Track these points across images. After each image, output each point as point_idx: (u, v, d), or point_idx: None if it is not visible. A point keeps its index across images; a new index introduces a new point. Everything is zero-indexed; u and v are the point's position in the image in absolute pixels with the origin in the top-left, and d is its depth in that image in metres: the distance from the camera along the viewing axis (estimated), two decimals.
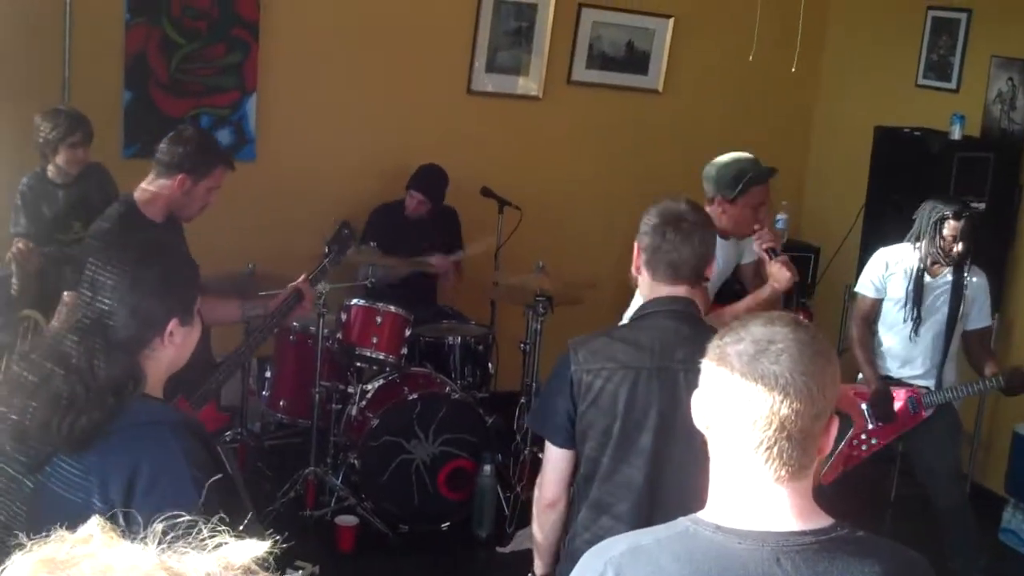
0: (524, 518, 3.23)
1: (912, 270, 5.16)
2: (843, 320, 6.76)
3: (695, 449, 2.79)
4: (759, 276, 4.77)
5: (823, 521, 1.84)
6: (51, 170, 5.49)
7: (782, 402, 1.76)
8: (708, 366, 1.88)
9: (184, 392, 4.06)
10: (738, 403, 1.80)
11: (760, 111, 7.65)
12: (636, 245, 3.19)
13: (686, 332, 3.06)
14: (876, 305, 5.31)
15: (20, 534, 2.23)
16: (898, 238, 5.34)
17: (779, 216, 7.23)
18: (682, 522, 1.87)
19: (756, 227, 4.58)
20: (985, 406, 6.42)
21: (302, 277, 4.71)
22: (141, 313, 2.33)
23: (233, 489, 2.39)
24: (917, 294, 5.15)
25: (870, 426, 5.25)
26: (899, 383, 5.26)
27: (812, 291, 7.21)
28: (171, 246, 2.54)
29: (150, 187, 4.35)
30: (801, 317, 1.93)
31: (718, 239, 4.62)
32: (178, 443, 2.23)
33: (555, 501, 3.20)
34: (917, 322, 5.17)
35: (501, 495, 5.64)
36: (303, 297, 4.63)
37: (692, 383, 2.79)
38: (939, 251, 5.07)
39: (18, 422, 2.25)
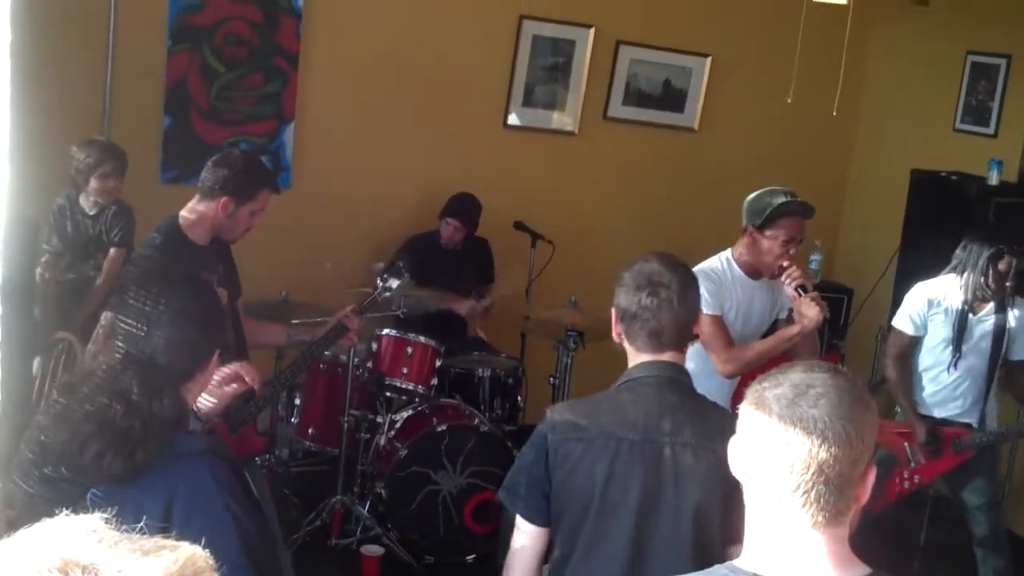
0: (550, 552, 3.05)
1: (956, 306, 5.10)
2: (875, 362, 6.73)
3: (681, 527, 2.77)
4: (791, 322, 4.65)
5: (860, 570, 1.82)
6: (83, 200, 5.54)
7: (820, 446, 1.75)
8: (746, 410, 1.85)
9: (223, 418, 4.09)
10: (776, 447, 1.78)
11: (796, 152, 7.64)
12: (613, 311, 2.99)
13: (673, 401, 2.86)
14: (914, 342, 5.24)
15: None
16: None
17: (813, 256, 7.22)
18: (719, 570, 1.86)
19: (784, 263, 4.49)
20: (1017, 451, 6.36)
21: (349, 308, 4.73)
22: (192, 348, 2.35)
23: (263, 517, 2.39)
24: (960, 331, 5.09)
25: (912, 464, 5.22)
26: (942, 422, 5.22)
27: (844, 333, 7.17)
28: (203, 281, 2.56)
29: (194, 210, 4.34)
30: (840, 366, 1.91)
31: (749, 281, 4.63)
32: (211, 472, 2.24)
33: None
34: (957, 358, 5.12)
35: None
36: (349, 328, 4.64)
37: (679, 458, 2.80)
38: (988, 286, 5.00)
39: (63, 450, 2.25)
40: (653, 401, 2.84)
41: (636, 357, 2.94)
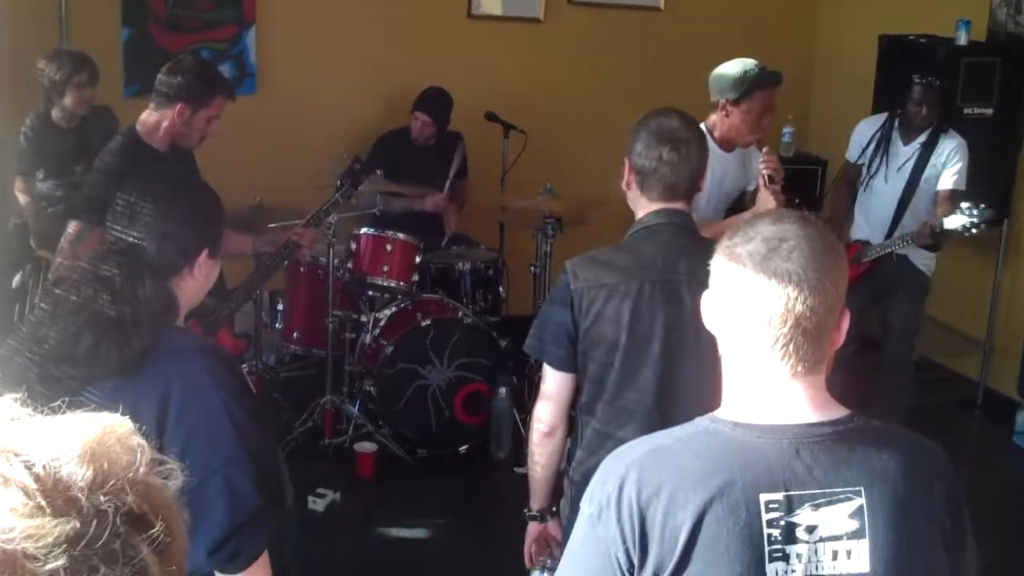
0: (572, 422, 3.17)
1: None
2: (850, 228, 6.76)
3: (703, 364, 2.79)
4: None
5: (839, 412, 1.87)
6: (55, 113, 5.47)
7: (796, 298, 1.78)
8: (719, 267, 1.88)
9: (196, 316, 4.12)
10: (752, 302, 1.81)
11: (763, 25, 7.58)
12: (627, 162, 3.09)
13: (686, 244, 3.00)
14: (855, 169, 5.70)
15: None
16: None
17: (785, 129, 7.21)
18: (700, 421, 1.90)
19: (765, 151, 4.51)
20: (997, 312, 6.43)
21: (299, 223, 4.79)
22: (176, 241, 2.34)
23: (259, 412, 2.41)
24: (880, 147, 5.58)
25: None
26: (854, 242, 5.60)
27: (820, 204, 7.18)
28: (197, 179, 2.56)
29: (150, 117, 4.35)
30: (808, 213, 1.93)
31: (723, 154, 4.67)
32: (205, 368, 2.24)
33: (554, 429, 3.08)
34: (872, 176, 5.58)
35: (517, 417, 5.67)
36: (301, 245, 4.83)
37: (696, 295, 2.80)
38: (908, 117, 5.50)
39: (58, 346, 2.23)
40: (668, 244, 3.00)
41: (647, 207, 3.07)
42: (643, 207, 3.09)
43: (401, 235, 5.78)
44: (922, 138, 5.47)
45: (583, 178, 6.91)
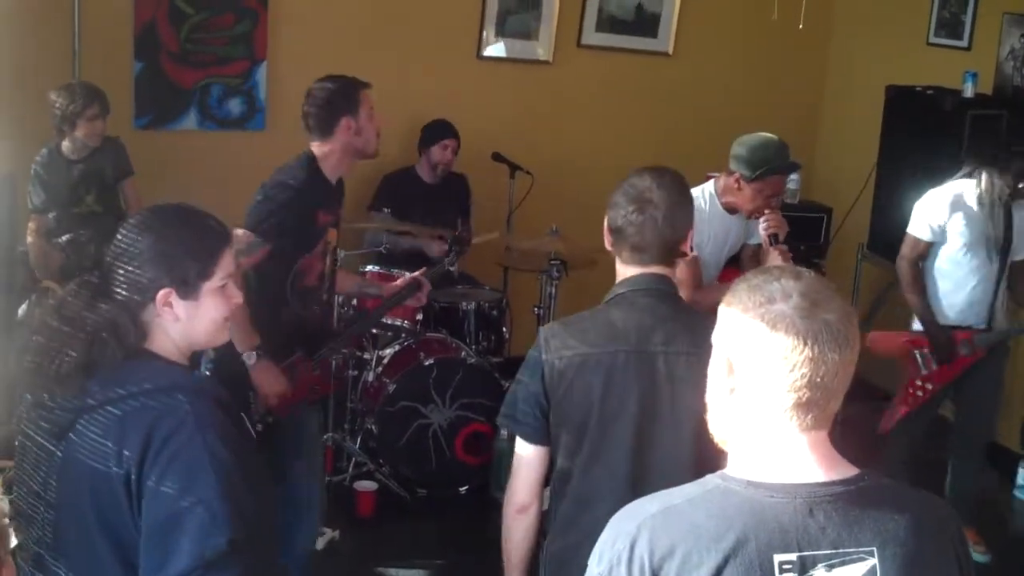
0: (550, 473, 3.07)
1: (975, 208, 5.09)
2: (856, 281, 6.76)
3: (680, 435, 2.78)
4: (756, 259, 4.80)
5: (849, 471, 1.87)
6: (66, 145, 5.51)
7: (843, 351, 1.80)
8: (749, 325, 1.85)
9: (305, 350, 4.26)
10: (797, 358, 1.79)
11: (770, 72, 7.63)
12: (605, 222, 2.98)
13: (663, 312, 2.87)
14: (928, 249, 5.23)
15: (50, 502, 2.28)
16: (911, 195, 5.34)
17: (791, 176, 7.23)
18: (712, 479, 1.89)
19: (767, 211, 4.57)
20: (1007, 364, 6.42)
21: (422, 270, 4.85)
22: (129, 275, 2.33)
23: (255, 460, 2.39)
24: (1008, 227, 5.13)
25: (924, 371, 5.25)
26: (955, 327, 5.23)
27: (824, 251, 7.20)
28: (192, 217, 2.49)
29: (323, 147, 4.38)
30: (808, 270, 1.94)
31: (727, 216, 4.70)
32: (191, 407, 2.24)
33: (527, 505, 2.92)
34: (1001, 257, 5.15)
35: None
36: (420, 288, 4.80)
37: (672, 367, 2.82)
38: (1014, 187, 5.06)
39: (34, 379, 2.30)
40: (644, 313, 2.86)
41: (623, 270, 2.95)
42: (619, 271, 2.98)
43: (406, 273, 5.78)
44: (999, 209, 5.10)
45: (589, 221, 6.88)
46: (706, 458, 2.70)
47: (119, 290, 2.33)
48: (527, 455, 2.91)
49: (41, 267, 5.43)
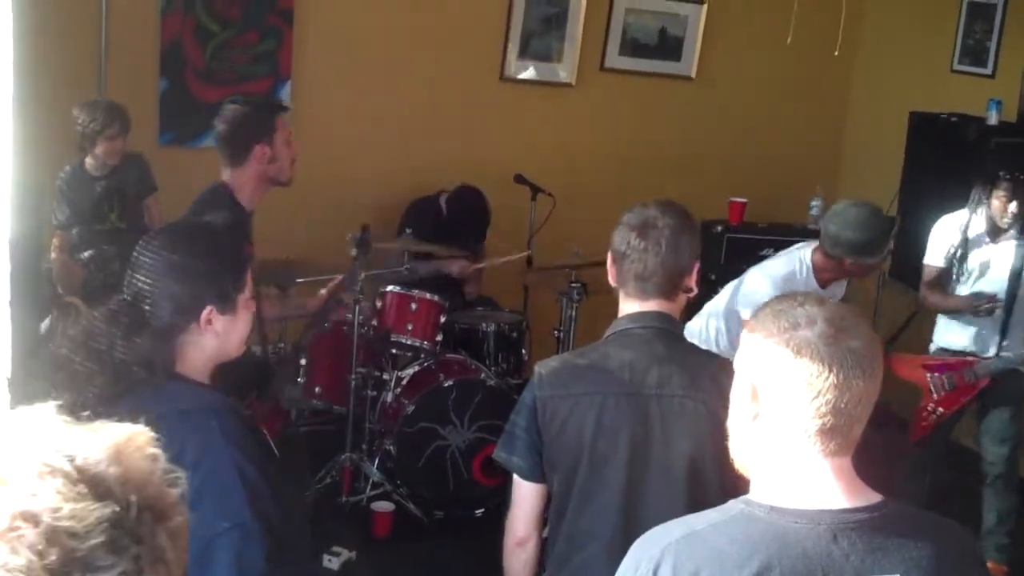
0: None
1: (971, 237, 5.17)
2: (877, 307, 6.73)
3: (673, 479, 2.78)
4: None
5: (872, 498, 1.86)
6: (89, 162, 5.54)
7: (867, 378, 1.80)
8: (774, 351, 1.84)
9: (256, 393, 4.13)
10: (821, 384, 1.79)
11: (795, 97, 7.63)
12: (608, 254, 2.92)
13: (660, 353, 2.82)
14: (944, 275, 5.25)
15: None
16: (934, 223, 5.34)
17: (813, 202, 7.22)
18: (735, 505, 1.88)
19: None
20: None
21: (338, 278, 4.75)
22: (173, 298, 2.32)
23: (280, 479, 2.39)
24: (961, 260, 5.18)
25: (935, 396, 5.25)
26: (960, 354, 5.25)
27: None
28: (219, 232, 2.51)
29: (237, 175, 4.20)
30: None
31: (811, 283, 4.55)
32: (219, 428, 2.23)
33: (525, 539, 2.93)
34: (956, 282, 5.19)
35: None
36: (341, 303, 4.70)
37: (666, 410, 2.80)
38: (993, 217, 5.10)
39: (51, 395, 2.27)
40: (640, 352, 2.82)
41: (625, 305, 2.91)
42: (621, 307, 2.93)
43: (427, 295, 5.80)
44: (1014, 239, 5.13)
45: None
46: (699, 501, 2.69)
47: (160, 315, 2.32)
48: (524, 491, 2.91)
49: (64, 283, 5.45)
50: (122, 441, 1.19)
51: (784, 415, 1.83)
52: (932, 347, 5.38)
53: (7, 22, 1.37)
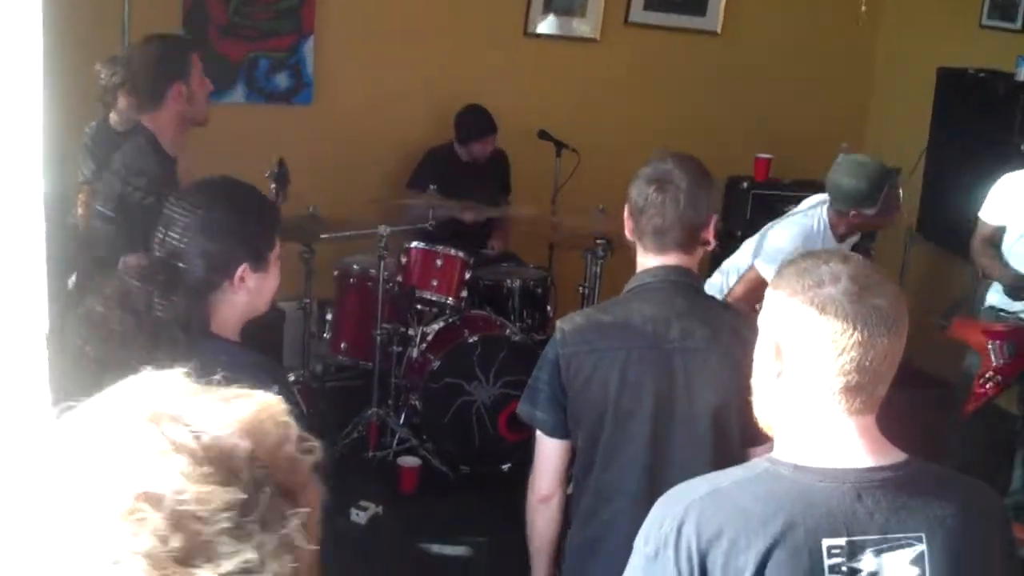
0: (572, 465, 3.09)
1: None
2: (904, 264, 6.70)
3: (697, 431, 2.81)
4: None
5: (897, 456, 1.87)
6: (113, 117, 5.53)
7: (891, 335, 1.79)
8: (798, 309, 1.84)
9: None
10: (845, 342, 1.79)
11: (821, 53, 7.56)
12: (626, 208, 2.93)
13: (681, 306, 2.84)
14: (997, 233, 5.09)
15: None
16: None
17: (839, 159, 7.16)
18: (760, 463, 1.89)
19: None
20: None
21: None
22: (208, 257, 2.34)
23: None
24: None
25: (994, 363, 5.18)
26: (1015, 316, 5.11)
27: (874, 235, 7.12)
28: (246, 189, 2.52)
29: (157, 118, 4.03)
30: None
31: (829, 239, 4.59)
32: (279, 385, 2.25)
33: (549, 496, 2.95)
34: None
35: None
36: None
37: (688, 362, 2.82)
38: None
39: (87, 353, 2.28)
40: (661, 306, 2.84)
41: (644, 260, 2.93)
42: (640, 261, 2.94)
43: (452, 250, 5.80)
44: None
45: None
46: (725, 453, 2.71)
47: (195, 272, 2.33)
48: (548, 447, 2.93)
49: (90, 239, 5.46)
50: (251, 414, 1.11)
51: (808, 373, 1.83)
52: (984, 305, 5.27)
53: None
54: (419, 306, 5.89)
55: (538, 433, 2.95)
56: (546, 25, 7.07)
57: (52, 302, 2.58)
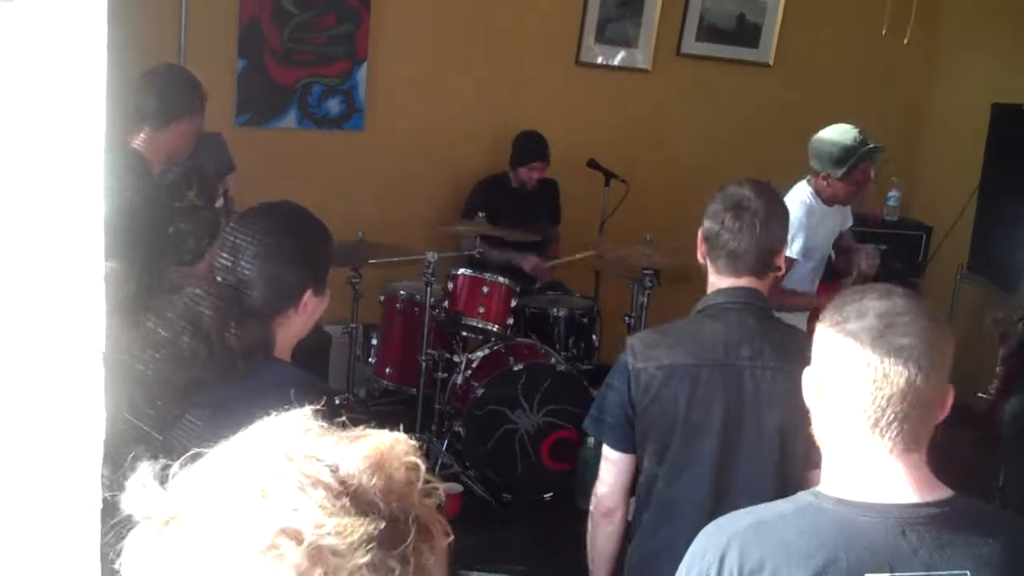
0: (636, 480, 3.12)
1: None
2: (954, 301, 6.64)
3: (763, 450, 2.83)
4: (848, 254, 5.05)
5: (943, 493, 1.86)
6: None
7: (917, 375, 1.78)
8: (827, 343, 1.87)
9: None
10: (865, 379, 1.80)
11: (873, 86, 7.53)
12: (700, 232, 3.00)
13: (752, 326, 2.88)
14: None
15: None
16: (1014, 217, 5.23)
17: (891, 193, 7.14)
18: (804, 496, 1.89)
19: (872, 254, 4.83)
20: None
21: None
22: (279, 284, 2.36)
23: None
24: None
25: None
26: None
27: (923, 270, 7.08)
28: (308, 214, 2.55)
29: (152, 140, 4.17)
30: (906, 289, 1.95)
31: (822, 207, 4.80)
32: (300, 403, 2.26)
33: (613, 510, 2.98)
34: None
35: None
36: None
37: (758, 381, 2.84)
38: None
39: (143, 372, 2.30)
40: (732, 326, 2.88)
41: (716, 281, 2.98)
42: (711, 282, 2.99)
43: (499, 278, 5.81)
44: None
45: (682, 233, 6.88)
46: (790, 473, 2.71)
47: (266, 299, 2.36)
48: (613, 461, 2.97)
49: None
50: (384, 450, 1.10)
51: (842, 407, 1.85)
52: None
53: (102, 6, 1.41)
54: (464, 333, 5.90)
55: (604, 447, 2.99)
56: (598, 54, 7.09)
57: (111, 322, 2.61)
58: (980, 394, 5.16)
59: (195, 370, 2.27)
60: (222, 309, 2.32)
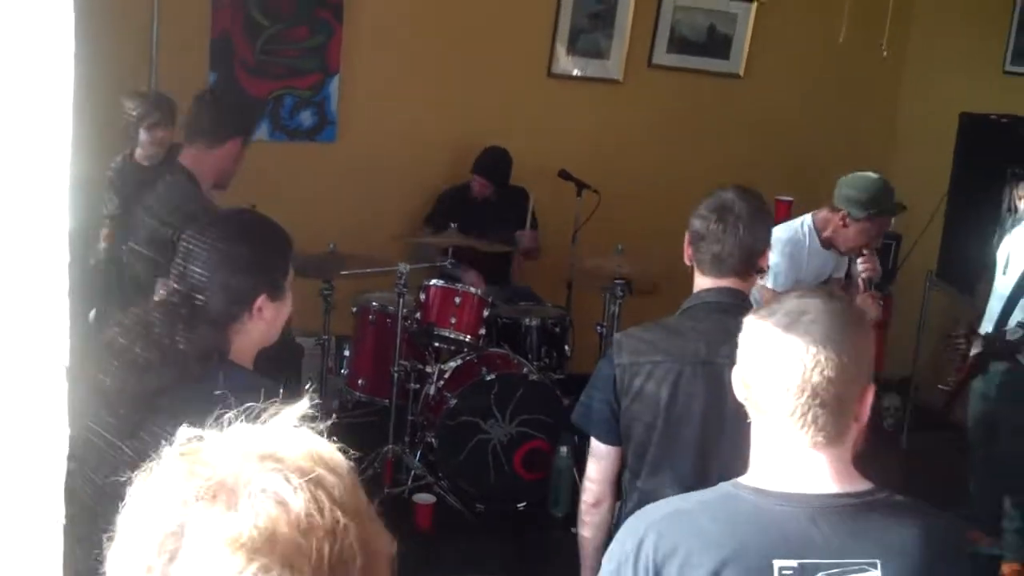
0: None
1: None
2: (924, 307, 6.70)
3: (742, 446, 2.85)
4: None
5: (861, 485, 1.93)
6: (138, 152, 5.58)
7: (813, 370, 1.85)
8: (744, 338, 1.99)
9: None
10: (773, 371, 1.89)
11: (843, 96, 7.59)
12: (687, 234, 3.10)
13: (733, 326, 2.93)
14: None
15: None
16: (981, 225, 5.29)
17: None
18: (724, 486, 1.98)
19: (865, 252, 4.71)
20: None
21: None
22: (229, 289, 2.38)
23: None
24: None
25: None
26: None
27: (893, 277, 7.13)
28: (265, 221, 2.57)
29: (202, 156, 4.21)
30: (836, 290, 2.03)
31: (823, 250, 4.81)
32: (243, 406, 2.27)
33: (600, 500, 3.10)
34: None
35: (577, 476, 5.64)
36: None
37: None
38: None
39: (102, 382, 2.33)
40: (714, 324, 2.95)
41: (701, 282, 3.07)
42: (697, 283, 3.10)
43: (471, 288, 5.83)
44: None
45: (654, 242, 6.91)
46: None
47: (217, 305, 2.37)
48: (600, 453, 3.07)
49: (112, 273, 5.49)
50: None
51: (759, 399, 1.94)
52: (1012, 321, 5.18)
53: (69, 17, 1.41)
54: (437, 343, 5.91)
55: (591, 441, 3.10)
56: (570, 66, 7.12)
57: (75, 335, 2.62)
58: (940, 386, 5.24)
59: (150, 377, 2.29)
60: (171, 314, 2.35)
